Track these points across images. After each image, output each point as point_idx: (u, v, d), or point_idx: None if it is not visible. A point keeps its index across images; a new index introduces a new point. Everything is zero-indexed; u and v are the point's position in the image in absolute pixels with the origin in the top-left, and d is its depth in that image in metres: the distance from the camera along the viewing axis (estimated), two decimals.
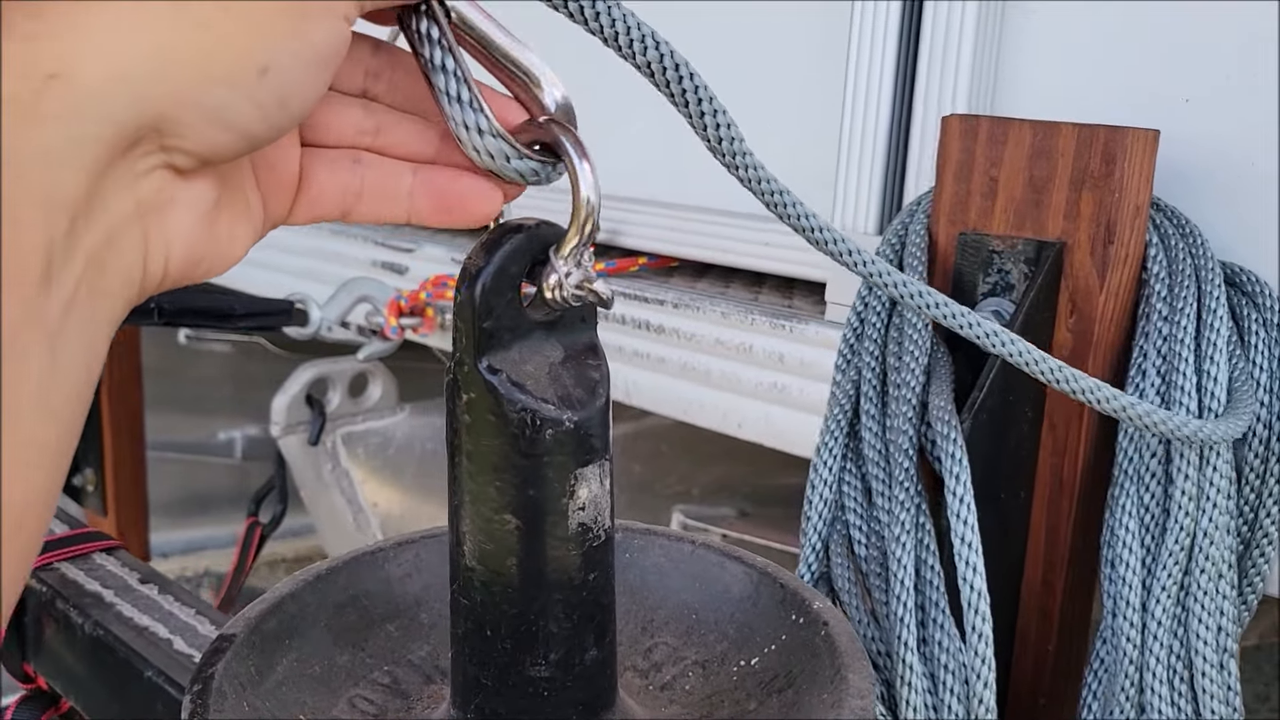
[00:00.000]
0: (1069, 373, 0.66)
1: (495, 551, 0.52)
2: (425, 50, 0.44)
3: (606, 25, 0.46)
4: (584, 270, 0.48)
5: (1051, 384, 0.66)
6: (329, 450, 1.59)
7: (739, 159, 0.53)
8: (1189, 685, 0.79)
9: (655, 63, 0.47)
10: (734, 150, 0.52)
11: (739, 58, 1.24)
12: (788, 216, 0.57)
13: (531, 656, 0.53)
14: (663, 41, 0.48)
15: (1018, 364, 0.64)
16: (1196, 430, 0.72)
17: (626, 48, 0.47)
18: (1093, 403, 0.67)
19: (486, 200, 0.47)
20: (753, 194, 0.55)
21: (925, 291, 0.61)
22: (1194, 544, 0.78)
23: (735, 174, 0.54)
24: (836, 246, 0.59)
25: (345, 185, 0.46)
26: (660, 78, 0.49)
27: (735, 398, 1.16)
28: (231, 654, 0.57)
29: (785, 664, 0.62)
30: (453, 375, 0.50)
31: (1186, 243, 0.84)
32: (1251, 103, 0.88)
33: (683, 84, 0.49)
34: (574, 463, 0.51)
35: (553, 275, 0.47)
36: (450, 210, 0.47)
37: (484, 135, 0.45)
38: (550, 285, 0.47)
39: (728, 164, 0.54)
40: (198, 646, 0.81)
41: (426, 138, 0.47)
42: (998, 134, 0.85)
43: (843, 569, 0.83)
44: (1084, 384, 0.66)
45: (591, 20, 0.46)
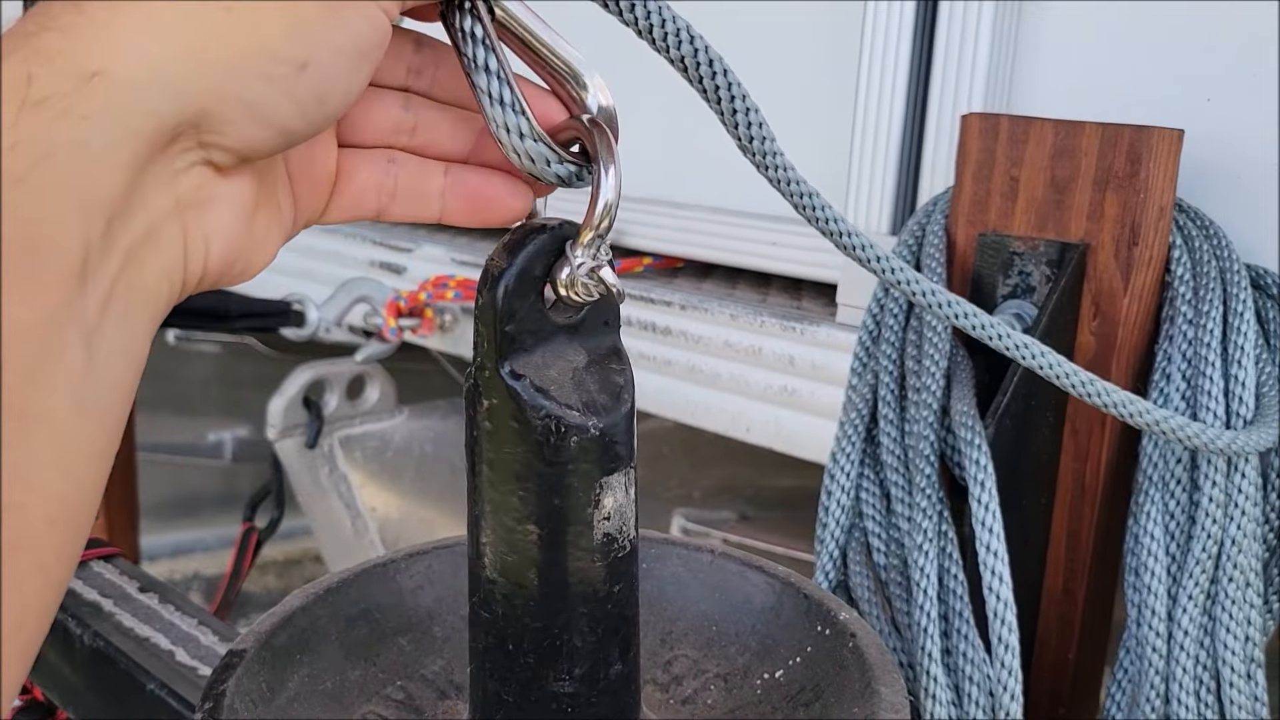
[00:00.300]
0: (1101, 386, 0.64)
1: (517, 563, 0.50)
2: (468, 49, 0.43)
3: (642, 17, 0.45)
4: (598, 264, 0.47)
5: (1083, 398, 0.64)
6: (326, 454, 1.56)
7: (769, 158, 0.51)
8: (1215, 696, 0.77)
9: (689, 57, 0.46)
10: (765, 150, 0.51)
11: (750, 54, 1.22)
12: (816, 219, 0.56)
13: (555, 671, 0.51)
14: (698, 36, 0.46)
15: (1049, 377, 0.63)
16: (1230, 442, 0.70)
17: (660, 41, 0.46)
18: (1125, 416, 0.65)
19: (519, 199, 0.46)
20: (781, 194, 0.54)
21: (957, 303, 0.59)
22: (1221, 551, 0.77)
23: (765, 173, 0.53)
24: (865, 252, 0.57)
25: (380, 184, 0.45)
26: (694, 73, 0.47)
27: (744, 401, 1.14)
28: (243, 670, 0.55)
29: (811, 677, 0.60)
30: (473, 381, 0.48)
31: (1211, 244, 0.82)
32: (1274, 102, 0.87)
33: (715, 80, 0.48)
34: (599, 471, 0.49)
35: (565, 270, 0.46)
36: (482, 210, 0.46)
37: (525, 139, 0.44)
38: (563, 281, 0.46)
39: (757, 163, 0.52)
40: (200, 658, 0.79)
41: (462, 137, 0.46)
42: (1019, 133, 0.83)
43: (862, 577, 0.81)
44: (1117, 397, 0.65)
45: (627, 11, 0.44)
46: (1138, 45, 0.94)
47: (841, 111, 1.11)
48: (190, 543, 2.70)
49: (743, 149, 0.52)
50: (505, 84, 0.43)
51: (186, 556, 2.72)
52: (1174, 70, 0.92)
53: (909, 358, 0.84)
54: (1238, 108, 0.89)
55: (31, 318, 0.30)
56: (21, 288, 0.30)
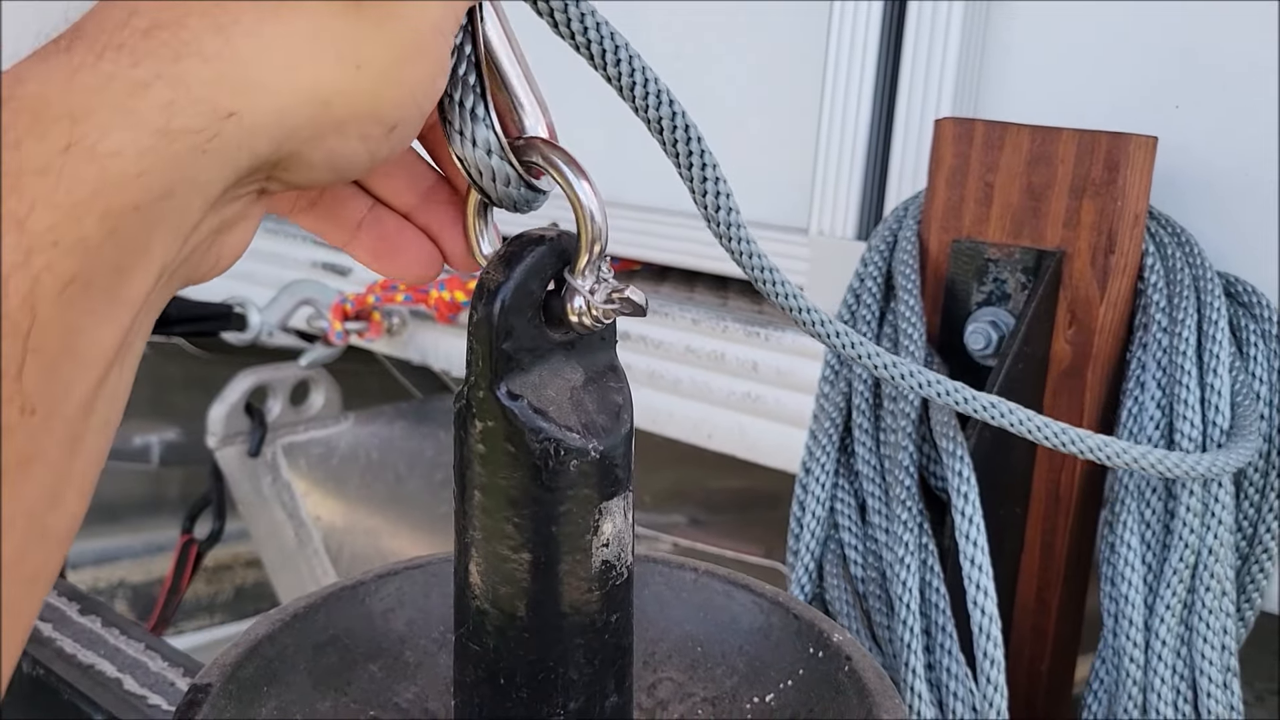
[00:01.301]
0: (1074, 434, 0.66)
1: (511, 594, 0.47)
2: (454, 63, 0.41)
3: (626, 74, 0.46)
4: (608, 283, 0.45)
5: (1059, 448, 0.66)
6: (269, 462, 1.51)
7: (733, 230, 0.52)
8: (1193, 706, 0.77)
9: (667, 119, 0.47)
10: (729, 221, 0.52)
11: (715, 55, 1.21)
12: (776, 295, 0.57)
13: (549, 706, 0.48)
14: (677, 100, 0.47)
15: (1021, 433, 0.66)
16: (1210, 466, 0.70)
17: (640, 100, 0.47)
18: (1104, 459, 0.67)
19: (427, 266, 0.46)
20: (741, 268, 0.54)
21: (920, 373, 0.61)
22: (1199, 561, 0.77)
23: (725, 245, 0.53)
24: (824, 328, 0.59)
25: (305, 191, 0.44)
26: (668, 135, 0.49)
27: (706, 407, 1.12)
28: (208, 706, 0.52)
29: (805, 701, 0.58)
30: (465, 401, 0.45)
31: (1183, 252, 0.82)
32: (1244, 109, 0.87)
33: (690, 145, 0.49)
34: (599, 496, 0.47)
35: (577, 298, 0.44)
36: (388, 258, 0.46)
37: (492, 155, 0.43)
38: (576, 310, 0.43)
39: (720, 233, 0.52)
40: (150, 686, 0.75)
41: (411, 190, 0.46)
42: (994, 138, 0.82)
43: (839, 590, 0.80)
44: (1091, 442, 0.67)
45: (612, 67, 0.45)
46: (1105, 51, 0.94)
47: (807, 114, 1.09)
48: (116, 550, 2.62)
49: (708, 219, 0.52)
50: (481, 99, 0.42)
51: (112, 564, 2.64)
52: (1142, 77, 0.92)
53: None
54: (1206, 115, 0.89)
55: (111, 339, 0.31)
56: (109, 309, 0.31)
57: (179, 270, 0.35)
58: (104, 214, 0.29)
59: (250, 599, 2.40)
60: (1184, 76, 0.89)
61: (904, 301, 0.82)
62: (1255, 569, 0.81)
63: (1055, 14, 0.96)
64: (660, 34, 1.23)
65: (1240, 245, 0.86)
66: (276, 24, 0.33)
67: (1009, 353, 0.78)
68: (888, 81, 1.02)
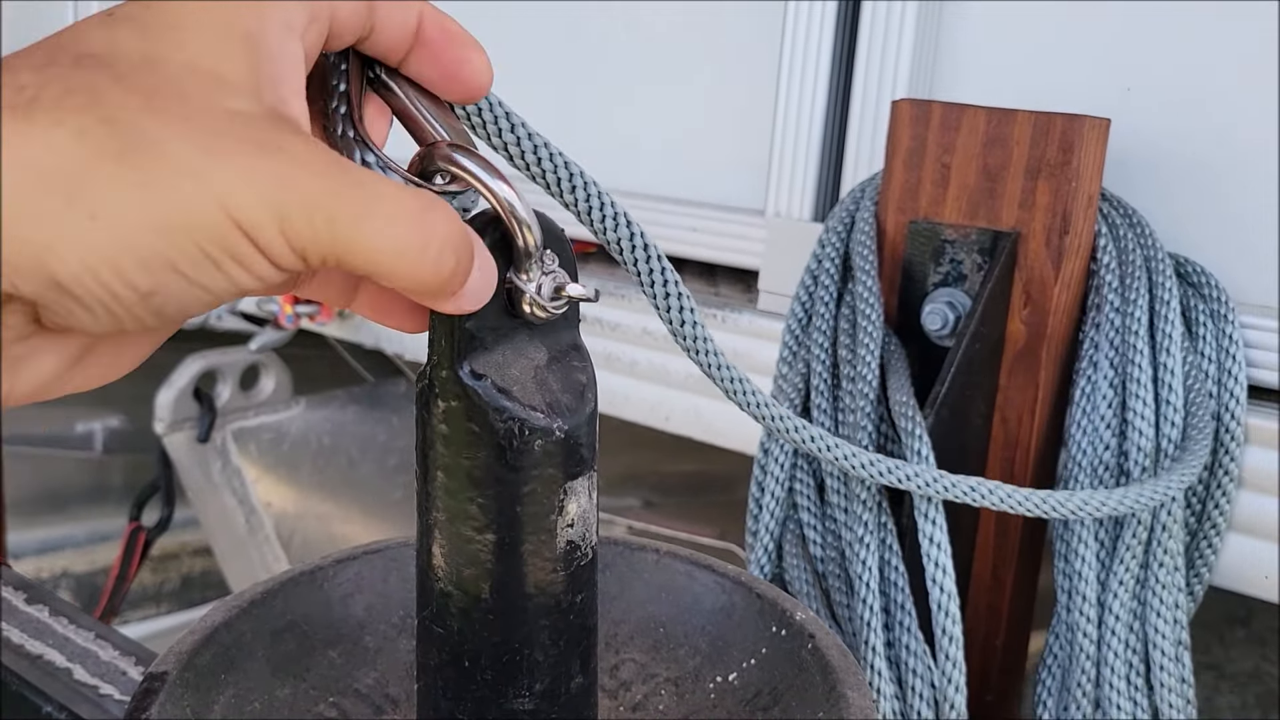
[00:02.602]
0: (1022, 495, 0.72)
1: (475, 575, 0.46)
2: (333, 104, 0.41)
3: (581, 200, 0.47)
4: (553, 277, 0.44)
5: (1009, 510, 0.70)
6: (219, 447, 1.49)
7: (699, 343, 0.53)
8: (1145, 679, 0.78)
9: (625, 240, 0.48)
10: (694, 334, 0.53)
11: (672, 37, 1.20)
12: (747, 404, 0.59)
13: (515, 688, 0.48)
14: (635, 221, 0.48)
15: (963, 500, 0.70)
16: (1164, 493, 0.72)
17: (599, 224, 0.48)
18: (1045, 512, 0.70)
19: (414, 323, 0.44)
20: (709, 378, 0.57)
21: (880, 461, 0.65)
22: (1151, 537, 0.78)
23: (695, 358, 0.55)
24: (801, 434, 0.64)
25: None
26: (628, 255, 0.49)
27: (664, 389, 1.12)
28: (165, 695, 0.51)
29: (768, 679, 0.58)
30: (428, 381, 0.45)
31: (1135, 233, 0.83)
32: (1194, 93, 0.88)
33: (650, 264, 0.50)
34: (563, 476, 0.46)
35: (524, 295, 0.43)
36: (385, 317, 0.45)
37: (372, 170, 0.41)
38: (528, 302, 0.43)
39: (687, 347, 0.54)
40: (101, 676, 0.74)
41: None
42: (951, 120, 0.82)
43: (799, 570, 0.80)
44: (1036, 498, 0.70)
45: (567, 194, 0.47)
46: (1059, 34, 0.95)
47: (764, 97, 1.09)
48: (59, 539, 2.58)
49: (674, 333, 0.53)
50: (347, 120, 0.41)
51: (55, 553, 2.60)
52: (1095, 59, 0.93)
53: (842, 346, 0.83)
54: (1157, 99, 0.90)
55: None
56: None
57: None
58: None
59: (198, 587, 2.37)
60: (1136, 60, 0.90)
61: (861, 283, 0.82)
62: (1204, 544, 0.82)
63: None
64: (619, 17, 1.23)
65: (1190, 226, 0.88)
66: (6, 153, 0.31)
67: (965, 333, 0.79)
68: (844, 63, 1.02)
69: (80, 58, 0.33)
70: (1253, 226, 0.86)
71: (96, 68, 0.33)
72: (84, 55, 0.33)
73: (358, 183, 0.35)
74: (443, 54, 0.41)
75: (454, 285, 0.38)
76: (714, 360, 0.53)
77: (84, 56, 0.33)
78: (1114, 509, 0.71)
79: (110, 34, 0.34)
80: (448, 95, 0.43)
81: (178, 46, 0.34)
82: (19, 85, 0.32)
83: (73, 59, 0.33)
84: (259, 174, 0.33)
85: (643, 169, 1.25)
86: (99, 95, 0.32)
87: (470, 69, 0.42)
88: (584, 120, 1.30)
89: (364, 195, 0.34)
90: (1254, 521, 0.82)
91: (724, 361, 0.54)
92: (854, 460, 0.63)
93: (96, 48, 0.33)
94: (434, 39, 0.41)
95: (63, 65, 0.33)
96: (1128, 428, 0.78)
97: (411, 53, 0.41)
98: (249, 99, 0.34)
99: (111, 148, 0.31)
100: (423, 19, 0.41)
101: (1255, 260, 0.86)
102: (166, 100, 0.33)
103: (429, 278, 0.36)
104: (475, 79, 0.42)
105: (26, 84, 0.32)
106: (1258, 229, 0.86)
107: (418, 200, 0.36)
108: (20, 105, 0.31)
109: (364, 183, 0.35)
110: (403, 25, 0.40)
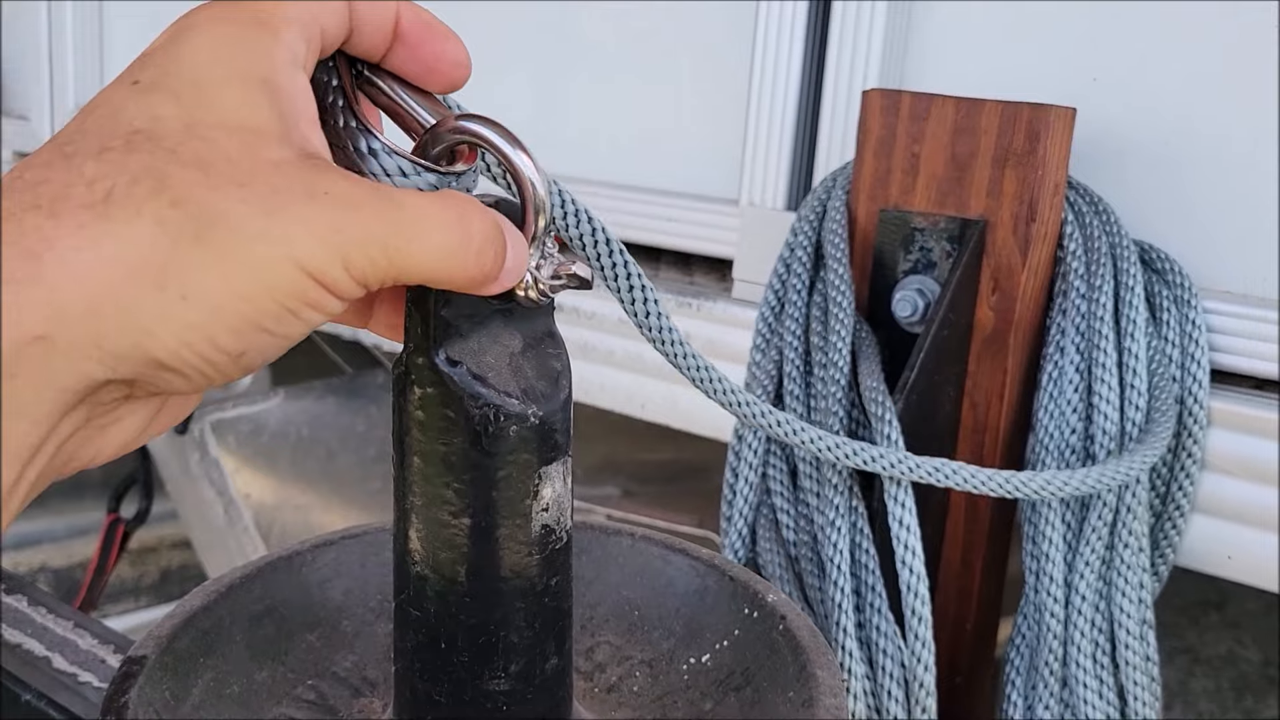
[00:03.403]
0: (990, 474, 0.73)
1: (451, 559, 0.47)
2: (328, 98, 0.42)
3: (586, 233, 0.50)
4: (552, 259, 0.45)
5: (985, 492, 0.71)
6: (197, 439, 1.49)
7: (663, 333, 0.55)
8: (1110, 657, 0.80)
9: (587, 235, 0.49)
10: (659, 325, 0.54)
11: (645, 27, 1.21)
12: (714, 391, 0.61)
13: (490, 669, 0.49)
14: (596, 216, 0.50)
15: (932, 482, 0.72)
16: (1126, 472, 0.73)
17: (560, 220, 0.50)
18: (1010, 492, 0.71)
19: None
20: (676, 368, 0.58)
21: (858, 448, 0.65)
22: (1116, 519, 0.79)
23: (660, 348, 0.56)
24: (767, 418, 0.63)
25: None
26: (592, 250, 0.50)
27: (639, 378, 1.13)
28: (144, 678, 0.52)
29: (741, 660, 0.59)
30: (404, 367, 0.45)
31: (1100, 220, 0.85)
32: (1158, 82, 0.90)
33: (613, 257, 0.50)
34: (538, 461, 0.47)
35: (523, 279, 0.44)
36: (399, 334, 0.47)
37: (408, 177, 0.42)
38: (522, 284, 0.44)
39: (653, 338, 0.55)
40: (80, 664, 0.74)
41: None
42: (920, 110, 0.83)
43: (772, 554, 0.81)
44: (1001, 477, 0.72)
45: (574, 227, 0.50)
46: (1027, 24, 0.96)
47: (737, 87, 1.10)
48: (36, 533, 2.57)
49: (639, 325, 0.54)
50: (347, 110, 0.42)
51: (33, 548, 2.58)
52: (1061, 50, 0.94)
53: (814, 334, 0.84)
54: (1122, 88, 0.91)
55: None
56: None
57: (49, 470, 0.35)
58: None
59: (177, 581, 2.37)
60: (1102, 50, 0.92)
61: (833, 270, 0.83)
62: (1169, 525, 0.84)
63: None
64: (595, 9, 1.23)
65: (1154, 213, 0.89)
66: (93, 250, 0.33)
67: (934, 320, 0.80)
68: (815, 54, 1.03)
69: (130, 138, 0.35)
70: (1215, 213, 0.88)
71: (149, 148, 0.35)
72: (132, 134, 0.35)
73: (398, 205, 0.37)
74: (421, 48, 0.43)
75: (496, 271, 0.40)
76: (680, 350, 0.54)
77: (132, 135, 0.35)
78: (1076, 489, 0.72)
79: (147, 106, 0.36)
80: (429, 86, 0.44)
81: (208, 107, 0.36)
82: (87, 180, 0.34)
83: (124, 141, 0.35)
84: (316, 223, 0.35)
85: (618, 160, 1.26)
86: (163, 179, 0.34)
87: (449, 61, 0.43)
88: (560, 111, 1.31)
89: (408, 217, 0.37)
90: (1216, 503, 0.83)
91: (690, 350, 0.55)
92: (820, 444, 0.64)
93: (140, 123, 0.35)
94: (412, 34, 0.43)
95: (117, 150, 0.35)
96: (1093, 411, 0.80)
97: (392, 49, 0.43)
98: (281, 146, 0.37)
99: (189, 230, 0.34)
100: (400, 15, 0.42)
101: (1218, 246, 0.88)
102: (218, 167, 0.35)
103: (475, 272, 0.39)
104: (454, 70, 0.44)
105: (94, 177, 0.34)
106: (1220, 216, 0.88)
107: (452, 205, 0.39)
108: (97, 204, 0.34)
109: (403, 203, 0.37)
110: (381, 25, 0.42)
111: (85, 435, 0.37)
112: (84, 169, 0.34)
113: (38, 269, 0.32)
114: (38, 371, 0.33)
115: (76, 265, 0.33)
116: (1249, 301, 0.86)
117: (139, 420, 0.39)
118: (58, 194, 0.34)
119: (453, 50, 0.43)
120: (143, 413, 0.39)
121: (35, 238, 0.33)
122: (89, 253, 0.33)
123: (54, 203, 0.33)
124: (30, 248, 0.33)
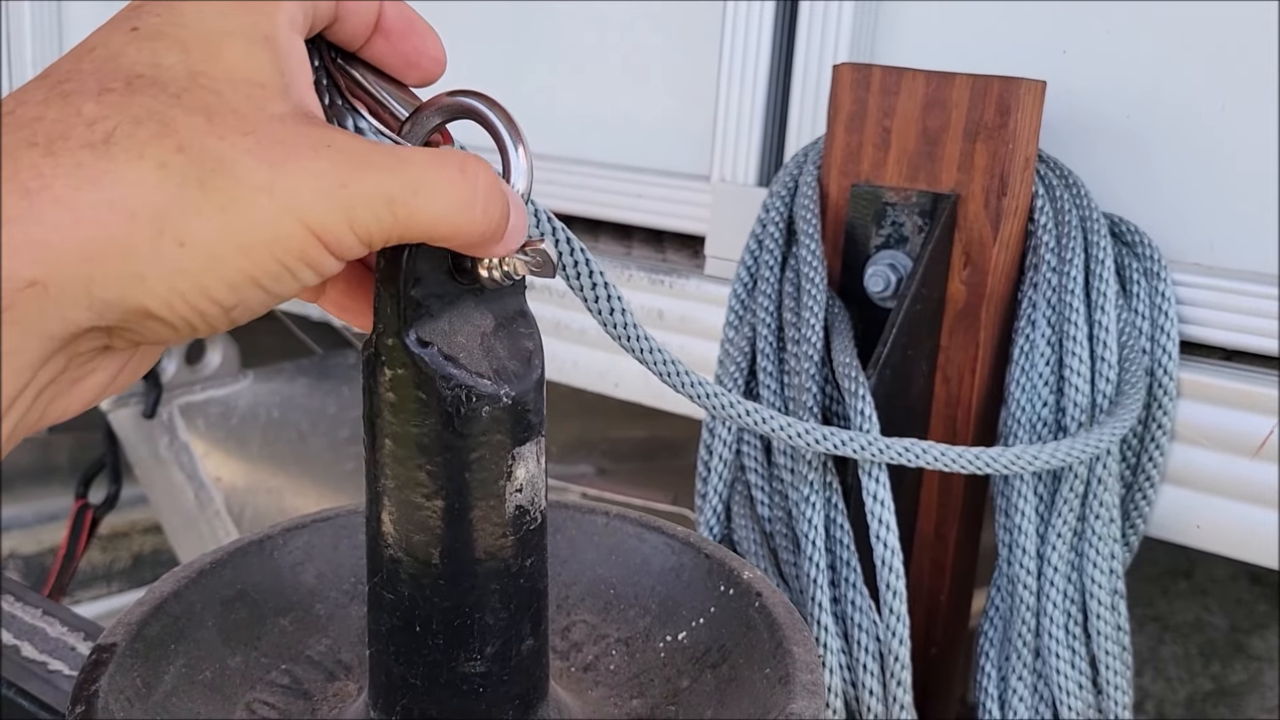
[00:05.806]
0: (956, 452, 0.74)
1: (425, 541, 0.47)
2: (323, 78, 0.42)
3: None
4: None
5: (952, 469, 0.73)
6: (165, 423, 1.47)
7: (629, 329, 0.55)
8: (1082, 627, 0.81)
9: (549, 235, 0.49)
10: (624, 322, 0.55)
11: (614, 5, 1.20)
12: (680, 385, 0.61)
13: (466, 651, 0.49)
14: (552, 216, 0.50)
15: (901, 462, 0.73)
16: (1096, 444, 0.74)
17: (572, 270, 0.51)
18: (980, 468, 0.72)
19: None
20: (643, 364, 0.58)
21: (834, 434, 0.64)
22: (1088, 490, 0.80)
23: (625, 344, 0.56)
24: (734, 409, 0.63)
25: None
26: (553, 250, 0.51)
27: (612, 356, 1.12)
28: (114, 666, 0.51)
29: (717, 638, 0.59)
30: (374, 349, 0.45)
31: (1070, 194, 0.85)
32: (1127, 55, 0.90)
33: (574, 255, 0.51)
34: (511, 441, 0.47)
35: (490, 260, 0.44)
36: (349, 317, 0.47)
37: (364, 135, 0.42)
38: (486, 264, 0.43)
39: (617, 334, 0.55)
40: (50, 652, 0.73)
41: None
42: (890, 84, 0.83)
43: (747, 530, 0.81)
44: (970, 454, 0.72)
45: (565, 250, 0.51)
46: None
47: (707, 62, 1.09)
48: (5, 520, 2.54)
49: (602, 324, 0.55)
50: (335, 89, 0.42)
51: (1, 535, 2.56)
52: (1031, 23, 0.94)
53: (787, 309, 0.84)
54: (1091, 61, 0.91)
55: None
56: None
57: (19, 427, 0.35)
58: None
59: (149, 566, 2.35)
60: (1072, 23, 0.92)
61: (805, 246, 0.83)
62: (1139, 496, 0.85)
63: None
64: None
65: (1124, 187, 0.90)
66: (93, 192, 0.32)
67: (907, 294, 0.80)
68: (786, 28, 1.02)
69: (132, 80, 0.34)
70: (1184, 186, 0.88)
71: (153, 92, 0.34)
72: (134, 77, 0.34)
73: (401, 160, 0.37)
74: (402, 42, 0.43)
75: (501, 229, 0.40)
76: (644, 345, 0.54)
77: (134, 79, 0.34)
78: (1047, 463, 0.73)
79: (150, 52, 0.35)
80: (405, 79, 0.44)
81: (213, 58, 0.35)
82: (87, 120, 0.33)
83: (125, 83, 0.34)
84: (324, 177, 0.35)
85: (589, 137, 1.25)
86: (168, 123, 0.33)
87: (428, 57, 0.43)
88: (530, 89, 1.29)
89: (412, 171, 0.37)
90: (1186, 473, 0.84)
91: (655, 345, 0.55)
92: (790, 430, 0.64)
93: (142, 69, 0.34)
94: (395, 28, 0.43)
95: (118, 92, 0.34)
96: (1064, 384, 0.80)
97: (372, 41, 0.42)
98: (283, 101, 0.36)
99: (193, 176, 0.33)
100: (384, 9, 0.42)
101: (1187, 219, 0.88)
102: (224, 117, 0.34)
103: (481, 227, 0.39)
104: (432, 65, 0.44)
105: (94, 117, 0.33)
106: (1189, 188, 0.88)
107: (454, 161, 0.38)
108: (98, 144, 0.32)
109: (406, 159, 0.37)
110: (366, 15, 0.42)
111: (58, 388, 0.36)
112: (83, 109, 0.33)
113: (32, 207, 0.31)
114: (29, 318, 0.32)
115: (74, 206, 0.32)
116: (1218, 273, 0.86)
117: (108, 375, 0.38)
118: (54, 132, 0.32)
119: (433, 47, 0.43)
120: (114, 366, 0.38)
121: (30, 174, 0.32)
122: (88, 194, 0.32)
123: (51, 141, 0.32)
124: (25, 184, 0.32)
